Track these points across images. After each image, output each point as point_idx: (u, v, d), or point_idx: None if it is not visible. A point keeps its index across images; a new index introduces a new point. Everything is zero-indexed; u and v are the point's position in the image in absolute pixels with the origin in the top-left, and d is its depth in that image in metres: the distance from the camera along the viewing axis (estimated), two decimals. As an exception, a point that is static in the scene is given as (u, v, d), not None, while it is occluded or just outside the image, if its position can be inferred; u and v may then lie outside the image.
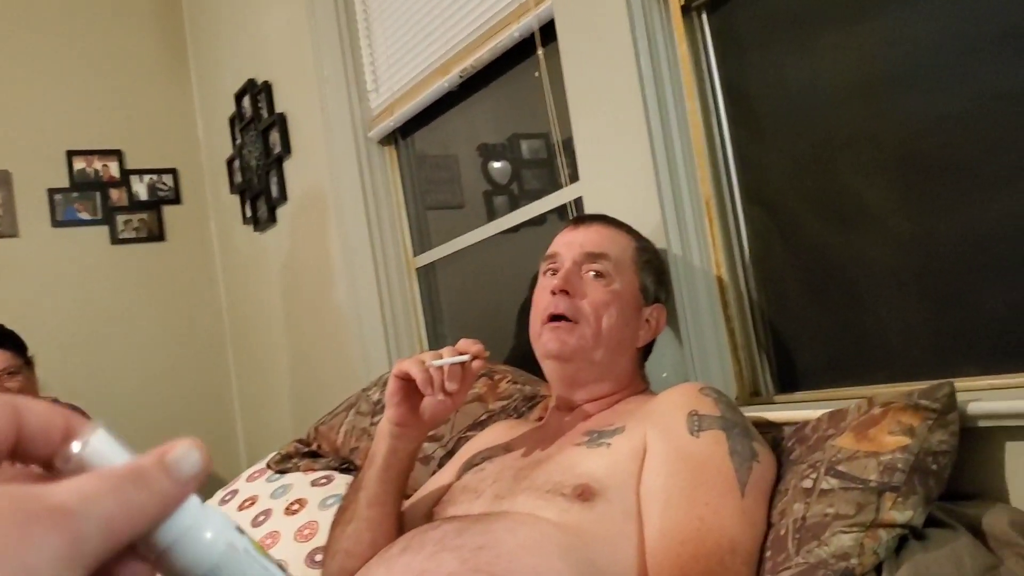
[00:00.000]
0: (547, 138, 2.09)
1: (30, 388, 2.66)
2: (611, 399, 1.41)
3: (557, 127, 1.97)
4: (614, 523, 1.15)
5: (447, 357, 1.26)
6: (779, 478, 1.21)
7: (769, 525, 1.14)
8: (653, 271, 1.47)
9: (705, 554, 1.07)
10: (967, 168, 1.29)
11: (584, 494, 1.17)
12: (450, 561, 1.07)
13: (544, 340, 1.38)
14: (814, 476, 1.13)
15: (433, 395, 1.25)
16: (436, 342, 2.66)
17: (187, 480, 0.38)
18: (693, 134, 1.63)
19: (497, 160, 2.42)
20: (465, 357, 1.26)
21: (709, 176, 1.62)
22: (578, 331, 1.36)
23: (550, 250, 1.46)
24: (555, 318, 1.37)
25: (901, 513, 1.05)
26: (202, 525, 0.38)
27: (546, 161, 2.16)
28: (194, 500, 0.38)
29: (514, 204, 2.29)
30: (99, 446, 0.37)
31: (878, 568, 1.04)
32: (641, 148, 1.63)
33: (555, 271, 1.42)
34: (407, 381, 1.27)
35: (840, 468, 1.11)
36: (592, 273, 1.40)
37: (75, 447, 0.37)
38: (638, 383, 1.46)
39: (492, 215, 2.38)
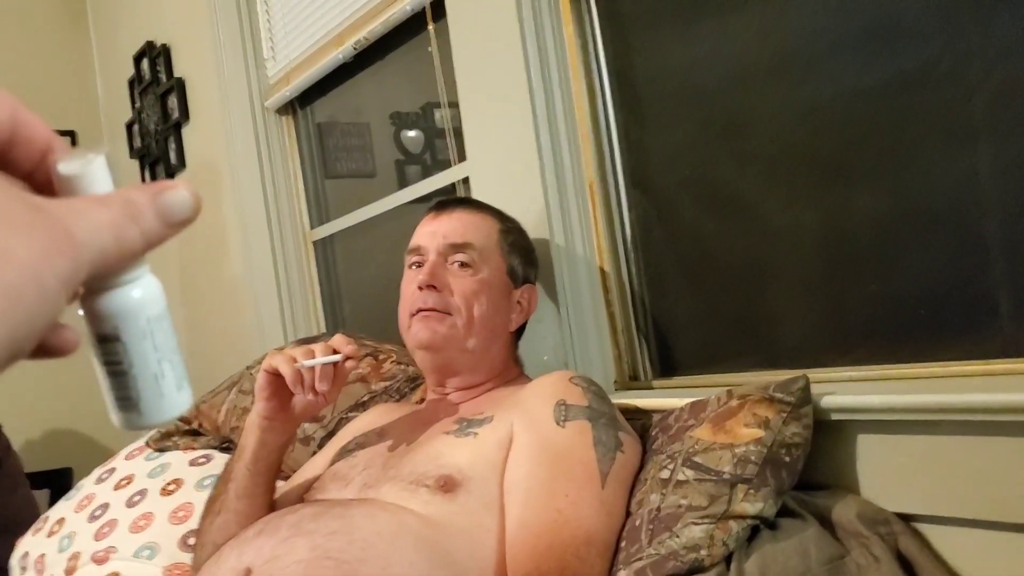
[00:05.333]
0: (442, 120, 2.06)
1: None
2: (484, 387, 1.41)
3: (446, 104, 1.95)
4: (474, 515, 1.14)
5: (319, 355, 1.22)
6: (642, 466, 1.22)
7: (628, 514, 1.15)
8: (519, 252, 1.46)
9: (560, 545, 1.07)
10: (832, 161, 1.30)
11: (447, 486, 1.16)
12: (301, 547, 1.06)
13: (414, 331, 1.37)
14: (672, 467, 1.14)
15: (303, 395, 1.23)
16: (333, 317, 2.62)
17: (175, 224, 0.37)
18: (578, 117, 1.62)
19: (409, 129, 2.37)
20: (337, 357, 1.23)
21: (593, 159, 1.61)
22: (449, 321, 1.35)
23: (413, 242, 1.44)
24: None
25: (752, 505, 1.07)
26: (145, 282, 0.38)
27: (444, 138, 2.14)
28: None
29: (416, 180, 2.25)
30: (98, 173, 0.37)
31: (729, 558, 1.05)
32: (525, 129, 1.61)
33: (420, 264, 1.40)
34: (277, 376, 1.24)
35: (696, 459, 1.12)
36: (457, 264, 1.38)
37: (70, 167, 0.36)
38: (511, 368, 1.45)
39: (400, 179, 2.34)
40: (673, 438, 1.20)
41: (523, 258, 1.46)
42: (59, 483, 3.15)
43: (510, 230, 1.47)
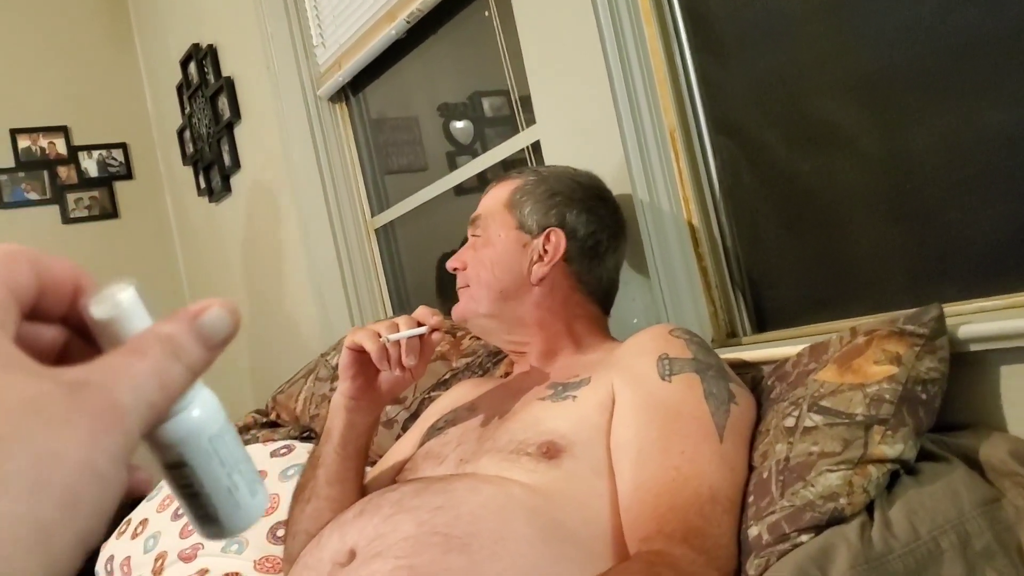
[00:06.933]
0: (504, 85, 1.98)
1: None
2: (555, 345, 1.32)
3: (510, 68, 1.87)
4: (583, 481, 1.06)
5: (404, 329, 1.15)
6: (759, 419, 1.13)
7: (751, 469, 1.06)
8: (533, 199, 1.36)
9: (683, 505, 0.99)
10: (936, 80, 1.20)
11: (550, 452, 1.08)
12: (407, 523, 0.99)
13: None
14: (796, 414, 1.05)
15: (390, 370, 1.16)
16: (399, 303, 2.56)
17: (218, 345, 0.36)
18: (653, 62, 1.53)
19: (459, 119, 2.30)
20: (423, 329, 1.16)
21: (673, 106, 1.52)
22: (467, 294, 1.37)
23: None
24: None
25: (891, 447, 0.97)
26: (200, 401, 0.37)
27: (506, 113, 2.06)
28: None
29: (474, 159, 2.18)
30: (131, 309, 0.35)
31: (869, 507, 0.96)
32: (598, 82, 1.52)
33: None
34: (361, 353, 1.17)
35: (824, 403, 1.03)
36: (473, 239, 1.39)
37: (102, 310, 0.35)
38: (557, 319, 1.34)
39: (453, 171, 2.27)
40: (794, 384, 1.11)
41: (538, 204, 1.36)
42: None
43: (527, 183, 1.39)
